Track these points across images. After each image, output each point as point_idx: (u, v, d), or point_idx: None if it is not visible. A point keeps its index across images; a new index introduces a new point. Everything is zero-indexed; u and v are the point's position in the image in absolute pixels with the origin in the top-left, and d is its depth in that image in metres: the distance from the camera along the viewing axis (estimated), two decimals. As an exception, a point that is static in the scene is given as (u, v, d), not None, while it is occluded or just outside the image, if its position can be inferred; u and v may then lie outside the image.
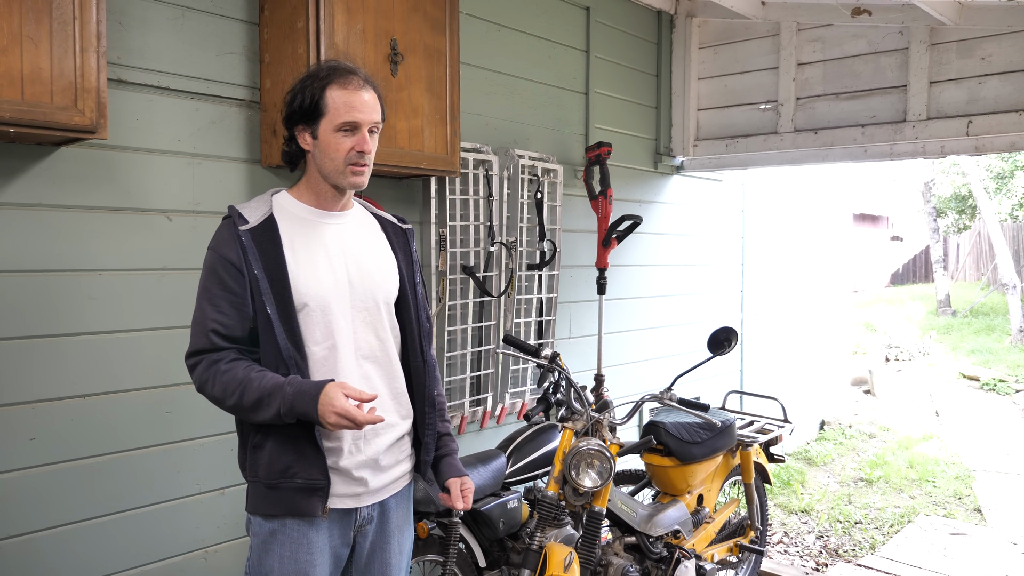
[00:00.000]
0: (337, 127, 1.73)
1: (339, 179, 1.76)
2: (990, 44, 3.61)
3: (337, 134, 1.73)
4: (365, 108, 1.74)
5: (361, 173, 1.77)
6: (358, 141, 1.73)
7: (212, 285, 1.71)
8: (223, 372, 1.67)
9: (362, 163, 1.75)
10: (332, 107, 1.72)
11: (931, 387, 9.30)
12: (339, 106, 1.72)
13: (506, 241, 3.49)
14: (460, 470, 1.99)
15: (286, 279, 1.71)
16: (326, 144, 1.74)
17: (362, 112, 1.73)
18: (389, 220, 1.97)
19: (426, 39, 2.78)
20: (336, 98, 1.72)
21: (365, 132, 1.74)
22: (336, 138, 1.73)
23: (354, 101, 1.73)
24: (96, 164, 2.31)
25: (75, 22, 1.93)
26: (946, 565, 4.22)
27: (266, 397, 1.63)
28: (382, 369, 1.84)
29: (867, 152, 4.02)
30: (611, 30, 4.22)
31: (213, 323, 1.69)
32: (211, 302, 1.71)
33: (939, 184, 18.10)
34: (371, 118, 1.75)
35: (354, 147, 1.73)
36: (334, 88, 1.72)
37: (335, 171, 1.76)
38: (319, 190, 1.80)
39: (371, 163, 1.79)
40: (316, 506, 1.71)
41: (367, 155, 1.76)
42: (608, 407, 2.74)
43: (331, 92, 1.72)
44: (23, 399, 2.19)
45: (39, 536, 2.23)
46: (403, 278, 1.91)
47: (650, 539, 3.05)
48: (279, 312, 1.69)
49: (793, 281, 6.28)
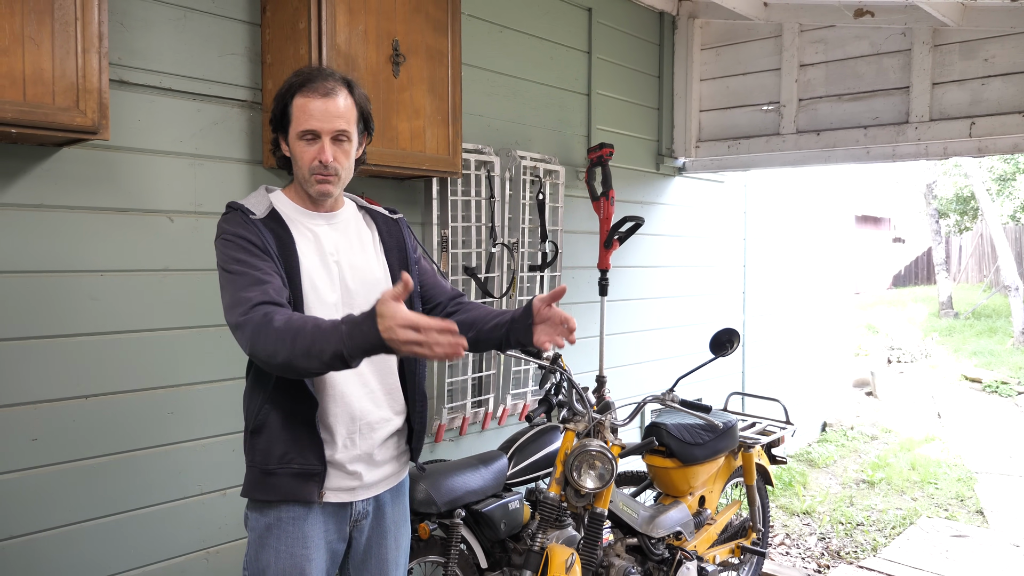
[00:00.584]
0: (298, 135, 1.72)
1: (307, 187, 1.76)
2: (993, 45, 3.60)
3: (300, 142, 1.72)
4: (324, 116, 1.69)
5: (326, 182, 1.74)
6: (317, 151, 1.71)
7: (240, 254, 1.64)
8: (273, 324, 1.52)
9: (325, 173, 1.72)
10: (295, 115, 1.71)
11: (933, 389, 9.29)
12: (300, 115, 1.71)
13: (508, 242, 3.49)
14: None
15: (298, 266, 1.71)
16: (293, 152, 1.74)
17: (320, 120, 1.69)
18: (380, 213, 1.96)
19: (428, 40, 2.78)
20: (298, 106, 1.71)
21: (326, 141, 1.71)
22: (299, 146, 1.72)
23: (312, 109, 1.69)
24: (98, 165, 2.31)
25: (77, 23, 1.93)
26: (948, 567, 4.21)
27: (319, 341, 1.47)
28: (375, 366, 1.83)
29: (869, 153, 4.01)
30: (613, 31, 4.21)
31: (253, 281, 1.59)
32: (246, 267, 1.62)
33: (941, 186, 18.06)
34: (331, 126, 1.70)
35: (314, 157, 1.71)
36: (299, 96, 1.71)
37: (303, 179, 1.76)
38: (302, 193, 1.81)
39: (342, 171, 1.76)
40: (312, 491, 1.72)
41: (331, 165, 1.72)
42: (610, 408, 2.74)
43: (296, 99, 1.71)
44: (25, 400, 2.19)
45: (41, 537, 2.22)
46: (393, 271, 1.89)
47: (652, 540, 3.05)
48: (292, 299, 1.69)
49: (795, 283, 6.28)
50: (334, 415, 1.76)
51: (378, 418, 1.82)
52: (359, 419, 1.79)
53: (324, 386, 1.75)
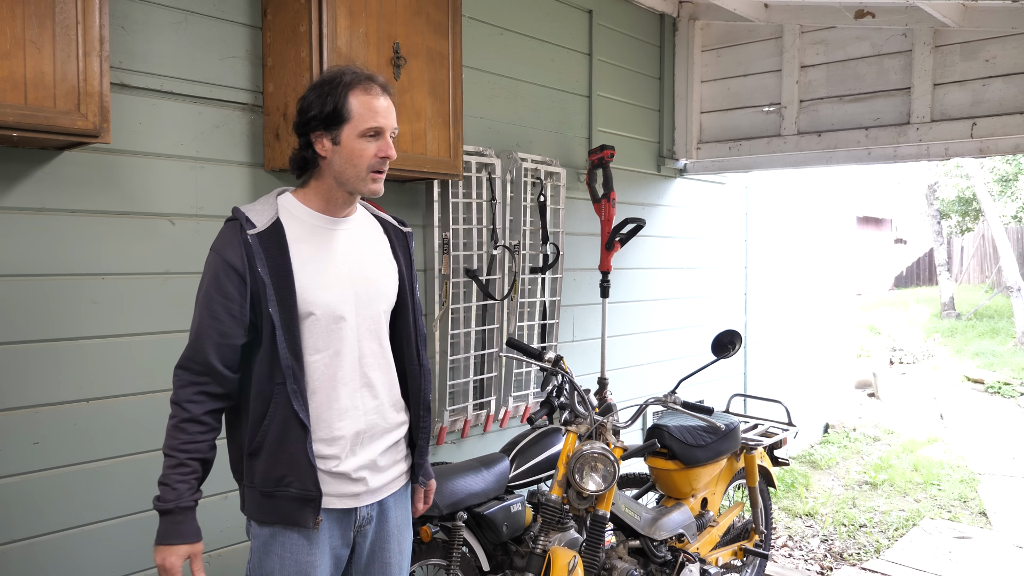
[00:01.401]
0: (362, 132, 1.71)
1: (359, 185, 1.75)
2: (994, 46, 3.60)
3: (361, 140, 1.72)
4: (388, 114, 1.75)
5: (380, 180, 1.77)
6: (382, 146, 1.73)
7: (212, 290, 1.69)
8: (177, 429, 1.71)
9: (383, 169, 1.76)
10: (357, 113, 1.71)
11: (935, 390, 9.27)
12: (364, 112, 1.71)
13: (509, 244, 3.49)
14: (429, 473, 2.05)
15: (292, 286, 1.69)
16: (349, 150, 1.72)
17: (385, 118, 1.74)
18: (391, 223, 1.97)
19: (429, 42, 2.78)
20: (361, 103, 1.71)
21: (388, 137, 1.75)
22: (360, 144, 1.72)
23: (378, 106, 1.73)
24: (99, 168, 2.31)
25: (78, 26, 1.93)
26: (951, 569, 4.20)
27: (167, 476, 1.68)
28: (384, 376, 1.84)
29: (871, 154, 4.01)
30: (614, 33, 4.21)
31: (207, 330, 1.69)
32: (208, 308, 1.69)
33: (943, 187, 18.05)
34: (392, 123, 1.77)
35: (378, 153, 1.73)
36: (358, 93, 1.71)
37: (356, 177, 1.74)
38: (331, 196, 1.78)
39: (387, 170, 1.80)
40: (308, 517, 1.71)
41: (388, 161, 1.76)
42: (612, 410, 2.74)
43: (354, 97, 1.71)
44: (26, 403, 2.19)
45: (42, 540, 2.22)
46: (403, 282, 1.90)
47: (654, 543, 3.04)
48: (282, 319, 1.67)
49: (797, 284, 6.27)
50: (340, 428, 1.75)
51: (382, 429, 1.83)
52: (364, 432, 1.79)
53: (329, 400, 1.75)
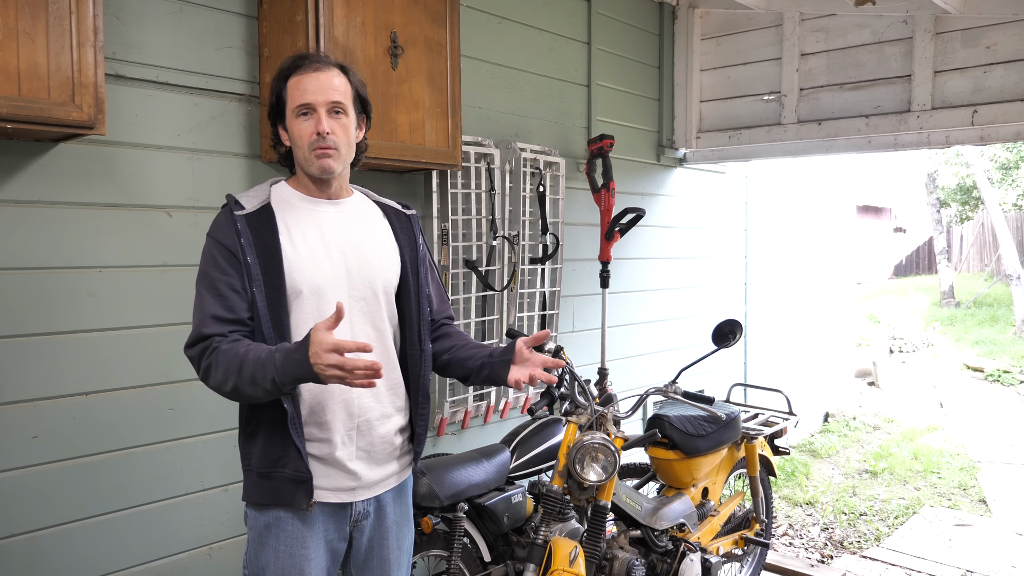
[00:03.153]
0: (295, 113, 1.72)
1: (308, 167, 1.75)
2: (995, 33, 3.58)
3: (297, 120, 1.72)
4: (318, 89, 1.70)
5: (327, 155, 1.72)
6: (314, 123, 1.71)
7: (210, 269, 1.70)
8: (222, 353, 1.61)
9: (324, 145, 1.71)
10: (289, 94, 1.73)
11: (935, 378, 9.28)
12: (294, 93, 1.72)
13: (508, 235, 3.48)
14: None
15: (280, 266, 1.69)
16: (292, 133, 1.74)
17: (314, 93, 1.70)
18: (392, 206, 1.95)
19: (426, 32, 2.76)
20: (291, 85, 1.73)
21: (321, 113, 1.71)
22: (296, 124, 1.73)
23: (305, 84, 1.71)
24: (95, 160, 2.29)
25: (71, 17, 1.91)
26: (951, 556, 4.21)
27: (259, 369, 1.56)
28: (380, 359, 1.81)
29: (871, 143, 3.99)
30: (613, 22, 4.19)
31: (211, 308, 1.66)
32: (209, 287, 1.69)
33: (943, 175, 18.01)
34: (326, 97, 1.71)
35: (312, 130, 1.71)
36: (291, 77, 1.73)
37: (304, 159, 1.75)
38: (305, 181, 1.80)
39: (342, 146, 1.75)
40: (302, 499, 1.70)
41: (329, 137, 1.71)
42: (612, 401, 2.73)
43: (289, 82, 1.73)
44: (24, 397, 2.18)
45: (42, 534, 2.22)
46: (405, 265, 1.88)
47: (655, 532, 3.04)
48: (268, 300, 1.67)
49: (797, 273, 6.26)
50: (332, 411, 1.74)
51: (379, 414, 1.80)
52: (358, 416, 1.77)
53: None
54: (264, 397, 1.61)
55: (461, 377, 1.95)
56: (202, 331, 1.65)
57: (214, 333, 1.65)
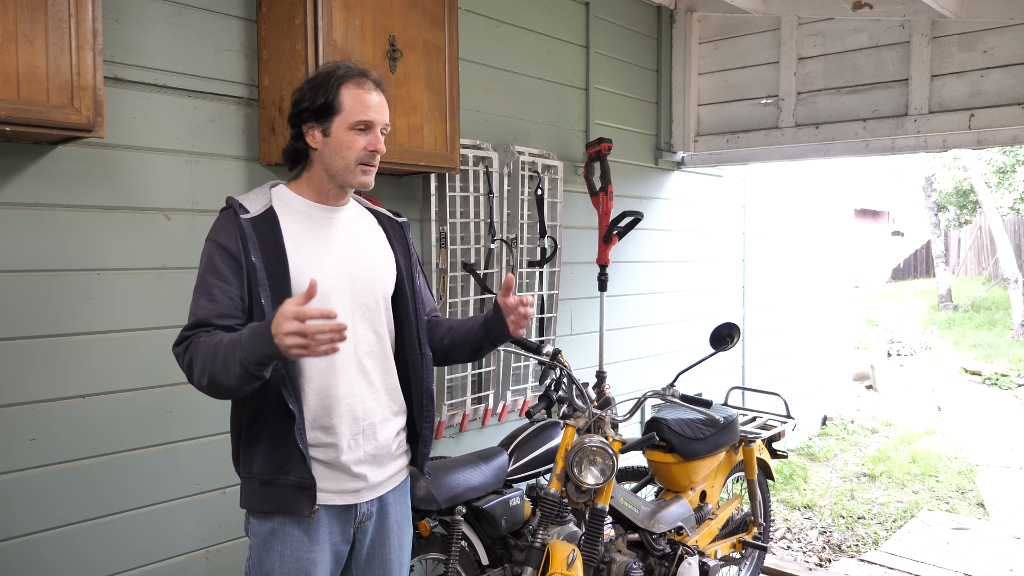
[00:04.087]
0: (351, 125, 1.74)
1: (348, 177, 1.77)
2: (992, 37, 3.59)
3: (351, 132, 1.74)
4: (379, 109, 1.77)
5: (370, 173, 1.79)
6: (371, 140, 1.76)
7: (208, 274, 1.70)
8: (200, 345, 1.59)
9: (372, 163, 1.78)
10: (347, 105, 1.74)
11: (933, 382, 9.29)
12: (355, 105, 1.74)
13: (507, 238, 3.48)
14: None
15: (286, 270, 1.69)
16: (339, 142, 1.74)
17: (376, 112, 1.76)
18: (385, 215, 1.98)
19: (425, 35, 2.76)
20: (352, 96, 1.74)
21: (378, 132, 1.77)
22: (350, 136, 1.74)
23: (369, 101, 1.75)
24: (93, 163, 2.29)
25: (71, 20, 1.91)
26: (949, 560, 4.21)
27: (230, 352, 1.53)
28: (379, 365, 1.84)
29: (868, 146, 4.00)
30: (611, 25, 4.20)
31: (201, 312, 1.66)
32: (205, 291, 1.68)
33: (940, 179, 18.04)
34: (383, 119, 1.79)
35: (367, 146, 1.75)
36: (350, 87, 1.74)
37: (344, 169, 1.76)
38: (322, 188, 1.80)
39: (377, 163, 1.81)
40: (304, 506, 1.70)
41: (378, 155, 1.78)
42: (610, 404, 2.73)
43: (346, 91, 1.74)
44: (22, 400, 2.18)
45: (40, 537, 2.22)
46: (400, 272, 1.91)
47: (653, 536, 3.04)
48: (274, 304, 1.67)
49: (795, 277, 6.27)
50: (338, 416, 1.74)
51: (381, 418, 1.82)
52: (362, 420, 1.78)
53: (326, 386, 1.74)
54: (237, 384, 1.56)
55: (470, 353, 1.99)
56: (184, 333, 1.67)
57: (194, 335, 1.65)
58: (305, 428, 1.71)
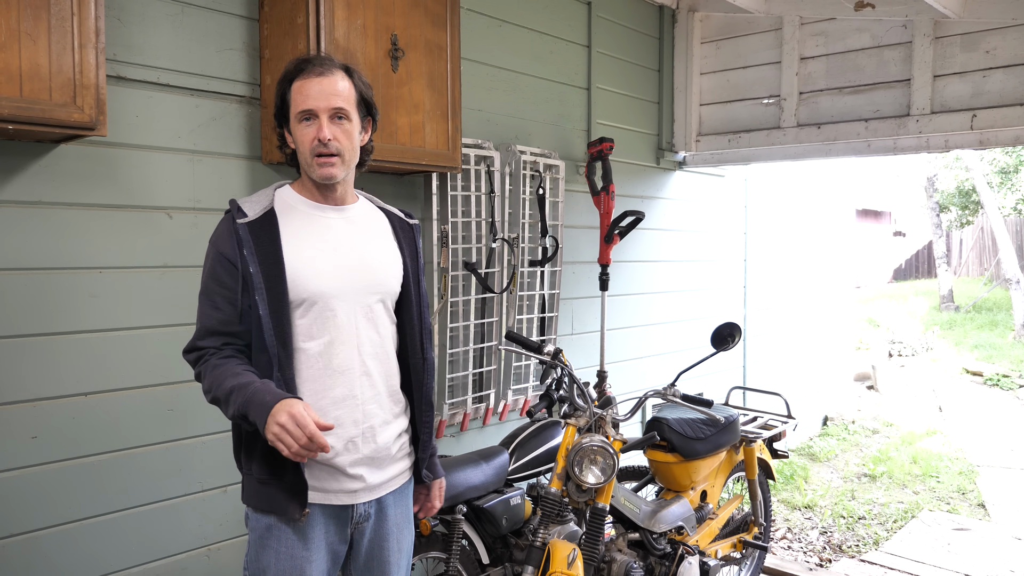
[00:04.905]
0: (298, 119, 1.72)
1: (311, 172, 1.75)
2: (995, 37, 3.59)
3: (300, 125, 1.72)
4: (320, 95, 1.69)
5: (329, 163, 1.72)
6: (315, 130, 1.70)
7: (209, 280, 1.73)
8: (213, 368, 1.68)
9: (326, 152, 1.70)
10: (293, 99, 1.73)
11: (934, 382, 9.28)
12: (296, 98, 1.72)
13: (508, 237, 3.48)
14: (439, 471, 2.03)
15: (282, 273, 1.69)
16: (295, 138, 1.75)
17: (316, 99, 1.69)
18: (396, 215, 1.96)
19: (427, 34, 2.76)
20: (295, 89, 1.72)
21: (323, 119, 1.70)
22: (299, 130, 1.73)
23: (308, 89, 1.70)
24: (96, 161, 2.30)
25: (73, 18, 1.92)
26: (950, 560, 4.21)
27: (234, 395, 1.61)
28: (382, 365, 1.83)
29: (870, 147, 4.00)
30: (613, 25, 4.20)
31: (207, 321, 1.71)
32: (208, 297, 1.73)
33: (942, 179, 18.03)
34: (328, 104, 1.69)
35: (314, 136, 1.70)
36: (296, 80, 1.72)
37: (306, 165, 1.75)
38: (310, 186, 1.80)
39: (346, 152, 1.73)
40: (295, 509, 1.70)
41: (332, 143, 1.70)
42: (611, 403, 2.73)
43: (294, 84, 1.73)
44: (24, 397, 2.18)
45: (41, 535, 2.22)
46: (407, 274, 1.89)
47: (654, 535, 3.04)
48: (270, 307, 1.68)
49: (796, 277, 6.27)
50: (335, 417, 1.74)
51: (381, 421, 1.81)
52: (362, 422, 1.78)
53: (325, 388, 1.74)
54: (232, 418, 1.67)
55: None
56: (197, 343, 1.73)
57: (208, 346, 1.72)
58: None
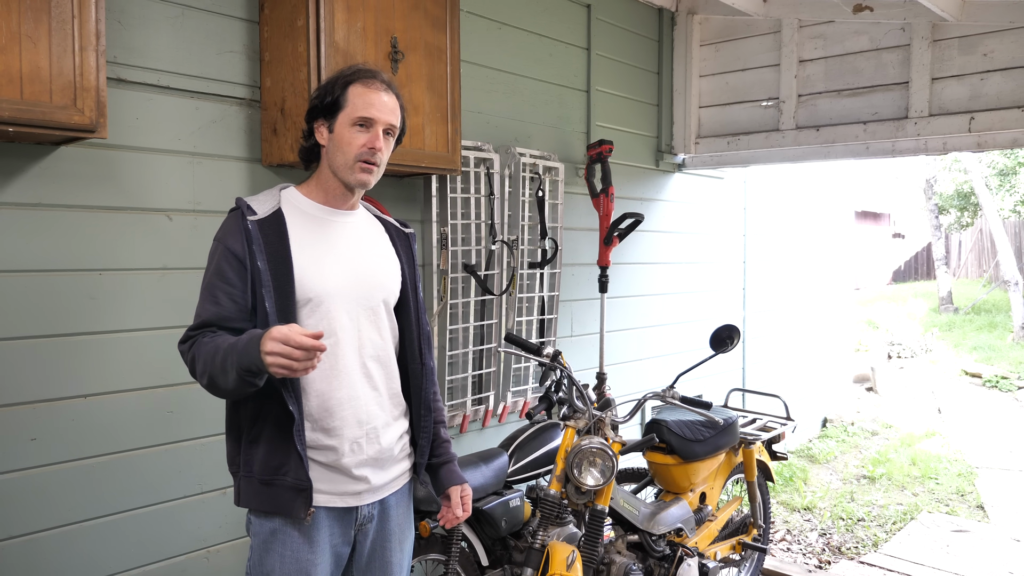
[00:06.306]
0: (353, 121, 1.75)
1: (347, 175, 1.77)
2: (992, 40, 3.60)
3: (352, 128, 1.75)
4: (383, 108, 1.77)
5: (369, 171, 1.78)
6: (370, 138, 1.75)
7: (214, 277, 1.72)
8: (204, 345, 1.64)
9: (372, 161, 1.77)
10: (351, 102, 1.75)
11: (933, 384, 9.29)
12: (357, 102, 1.75)
13: (507, 239, 3.49)
14: (460, 477, 2.01)
15: (290, 273, 1.71)
16: (340, 138, 1.76)
17: (379, 110, 1.76)
18: (392, 224, 1.99)
19: (427, 37, 2.77)
20: (356, 94, 1.76)
21: (379, 130, 1.77)
22: (350, 132, 1.75)
23: (372, 99, 1.76)
24: (96, 163, 2.30)
25: (74, 21, 1.92)
26: (949, 562, 4.21)
27: (228, 356, 1.56)
28: (383, 368, 1.84)
29: (869, 149, 4.01)
30: (612, 27, 4.21)
31: (206, 314, 1.70)
32: (210, 293, 1.72)
33: (941, 181, 18.05)
34: (387, 118, 1.78)
35: (366, 143, 1.75)
36: (357, 85, 1.76)
37: (344, 166, 1.77)
38: (328, 187, 1.81)
39: (382, 165, 1.80)
40: (300, 508, 1.70)
41: (378, 154, 1.77)
42: (610, 405, 2.74)
43: (353, 88, 1.76)
44: (24, 399, 2.18)
45: (41, 536, 2.22)
46: (405, 281, 1.92)
47: (653, 537, 3.04)
48: (277, 306, 1.68)
49: (795, 279, 6.27)
50: (340, 418, 1.75)
51: (383, 422, 1.82)
52: (366, 423, 1.79)
53: (328, 388, 1.75)
54: (234, 388, 1.60)
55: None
56: (190, 333, 1.71)
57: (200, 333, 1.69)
58: (304, 430, 1.71)
